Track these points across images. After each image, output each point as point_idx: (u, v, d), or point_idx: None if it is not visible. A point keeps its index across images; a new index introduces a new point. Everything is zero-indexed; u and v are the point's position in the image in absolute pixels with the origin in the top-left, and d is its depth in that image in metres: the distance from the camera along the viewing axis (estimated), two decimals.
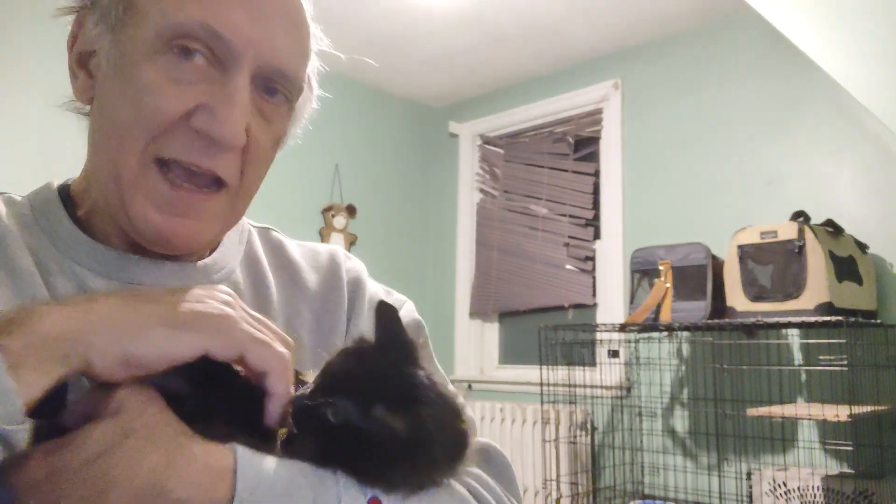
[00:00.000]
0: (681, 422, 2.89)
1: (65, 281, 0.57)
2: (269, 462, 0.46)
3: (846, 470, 2.42)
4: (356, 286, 0.73)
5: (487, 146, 3.87)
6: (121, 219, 0.58)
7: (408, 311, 0.73)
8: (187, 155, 0.56)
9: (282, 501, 0.44)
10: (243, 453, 0.45)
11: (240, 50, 0.56)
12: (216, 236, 0.61)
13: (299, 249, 0.75)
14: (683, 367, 2.89)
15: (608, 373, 3.00)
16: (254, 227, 0.74)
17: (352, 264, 0.76)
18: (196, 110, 0.55)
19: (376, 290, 0.75)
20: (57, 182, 0.66)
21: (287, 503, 0.45)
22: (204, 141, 0.55)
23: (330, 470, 0.47)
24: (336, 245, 0.78)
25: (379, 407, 0.46)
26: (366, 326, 0.69)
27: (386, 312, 0.52)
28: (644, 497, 2.90)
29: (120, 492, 0.41)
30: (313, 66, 0.67)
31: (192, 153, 0.56)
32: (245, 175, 0.60)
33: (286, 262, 0.72)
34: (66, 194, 0.64)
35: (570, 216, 3.44)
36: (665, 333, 2.82)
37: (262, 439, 0.48)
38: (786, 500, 2.30)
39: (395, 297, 0.75)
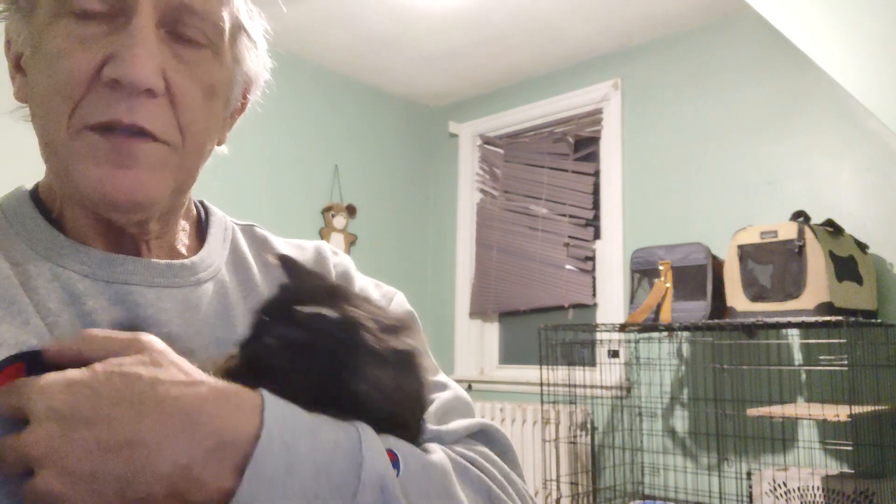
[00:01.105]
0: (681, 422, 2.89)
1: (47, 283, 0.55)
2: (293, 405, 0.47)
3: (846, 470, 2.42)
4: (345, 280, 0.73)
5: (487, 146, 3.87)
6: (71, 192, 0.57)
7: (398, 303, 0.73)
8: (107, 113, 0.53)
9: (307, 437, 0.45)
10: (268, 395, 0.46)
11: None
12: (162, 191, 0.57)
13: (285, 245, 0.74)
14: (683, 367, 2.89)
15: (608, 373, 3.00)
16: (237, 224, 0.73)
17: (339, 259, 0.75)
18: (104, 63, 0.52)
19: (365, 282, 0.75)
20: (28, 186, 0.64)
21: (311, 440, 0.46)
22: (119, 93, 0.52)
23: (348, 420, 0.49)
24: (322, 241, 0.77)
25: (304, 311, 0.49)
26: None
27: (289, 262, 0.54)
28: (644, 497, 2.90)
29: (154, 418, 0.42)
30: (248, 16, 0.63)
31: (112, 109, 0.53)
32: (182, 127, 0.56)
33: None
34: (37, 197, 0.61)
35: (570, 216, 3.44)
36: (665, 333, 2.82)
37: None
38: (786, 500, 2.30)
39: (384, 290, 0.74)
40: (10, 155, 2.58)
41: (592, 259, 3.36)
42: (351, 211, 3.59)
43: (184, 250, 0.65)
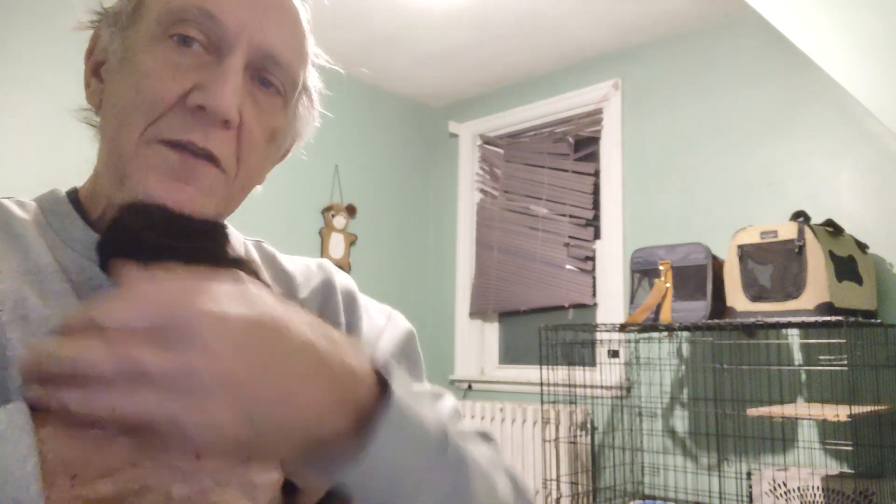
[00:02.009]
0: (681, 422, 2.89)
1: (83, 282, 0.57)
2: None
3: (846, 470, 2.42)
4: (350, 298, 0.75)
5: (487, 146, 3.87)
6: (123, 197, 0.59)
7: (396, 324, 0.75)
8: (184, 133, 0.57)
9: (406, 385, 0.47)
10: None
11: (233, 32, 0.59)
12: (208, 213, 0.60)
13: (291, 262, 0.76)
14: (683, 367, 2.89)
15: (608, 373, 3.00)
16: (247, 240, 0.75)
17: (342, 277, 0.77)
18: (191, 90, 0.57)
19: (367, 301, 0.77)
20: (62, 189, 0.67)
21: (406, 388, 0.46)
22: (199, 119, 0.57)
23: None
24: (324, 259, 0.80)
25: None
26: (365, 333, 0.72)
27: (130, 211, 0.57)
28: (644, 497, 2.90)
29: (312, 351, 0.42)
30: (314, 80, 0.70)
31: (189, 131, 0.57)
32: (240, 160, 0.61)
33: (282, 274, 0.73)
34: (74, 199, 0.65)
35: (570, 216, 3.44)
36: (665, 333, 2.82)
37: None
38: (786, 500, 2.30)
39: (382, 307, 0.77)
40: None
41: (592, 259, 3.36)
42: (351, 211, 3.59)
43: None
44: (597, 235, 3.37)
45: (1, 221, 0.59)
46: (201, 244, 0.58)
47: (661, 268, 2.62)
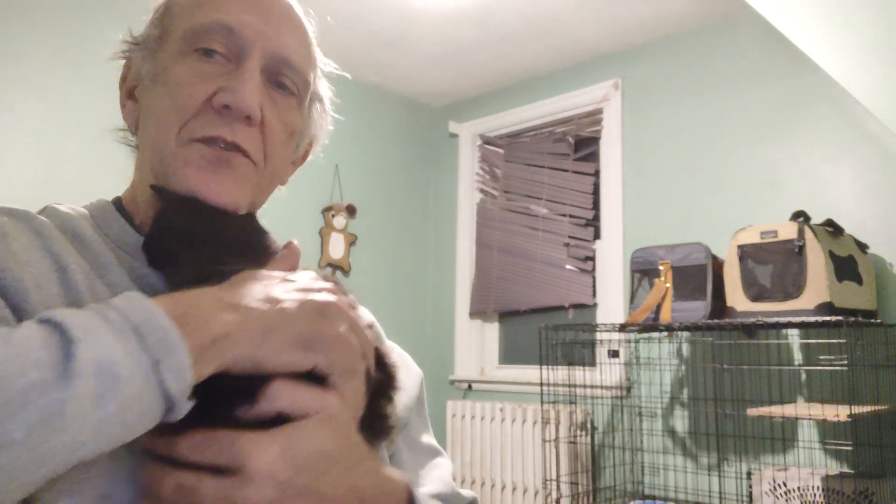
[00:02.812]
0: (681, 422, 2.89)
1: (138, 279, 0.63)
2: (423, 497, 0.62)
3: (846, 470, 2.42)
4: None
5: (487, 146, 3.87)
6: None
7: (410, 370, 0.81)
8: (213, 130, 0.64)
9: None
10: (413, 488, 0.59)
11: (250, 41, 0.66)
12: (243, 202, 0.67)
13: None
14: (683, 367, 2.89)
15: (608, 373, 3.00)
16: None
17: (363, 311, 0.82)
18: (217, 92, 0.64)
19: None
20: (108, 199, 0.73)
21: None
22: (225, 117, 0.64)
23: None
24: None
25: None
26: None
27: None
28: (644, 497, 2.90)
29: (353, 497, 0.53)
30: (324, 88, 0.79)
31: (217, 128, 0.64)
32: (267, 153, 0.68)
33: None
34: (119, 206, 0.71)
35: (570, 216, 3.44)
36: (665, 333, 2.82)
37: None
38: (786, 500, 2.30)
39: (391, 347, 0.81)
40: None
41: (592, 259, 3.36)
42: (351, 211, 3.59)
43: None
44: (597, 235, 3.37)
45: (62, 223, 0.63)
46: (243, 233, 0.64)
47: (661, 268, 2.62)
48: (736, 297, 2.41)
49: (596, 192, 3.39)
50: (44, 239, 0.59)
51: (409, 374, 0.79)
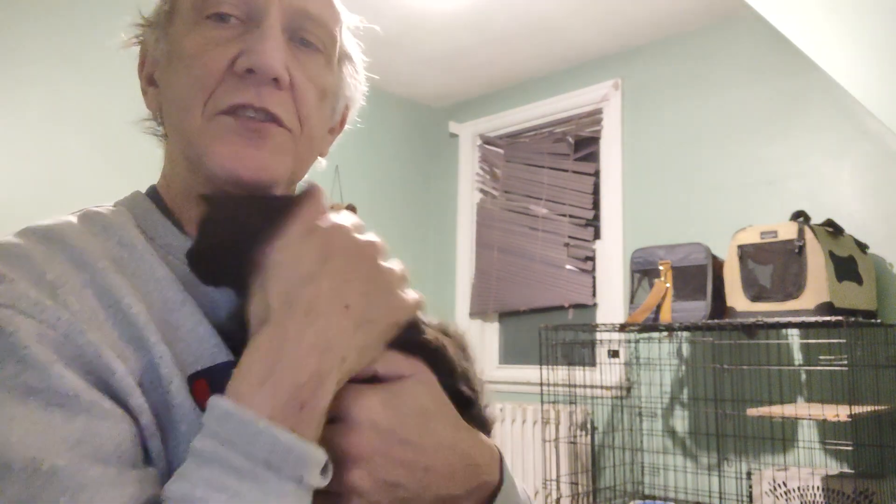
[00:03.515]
0: (681, 422, 2.89)
1: (190, 286, 0.60)
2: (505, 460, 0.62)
3: (846, 470, 2.42)
4: None
5: (487, 146, 3.87)
6: (197, 180, 0.62)
7: None
8: (238, 97, 0.59)
9: (514, 490, 0.61)
10: (500, 450, 0.62)
11: None
12: (283, 173, 0.62)
13: None
14: (683, 367, 2.89)
15: (608, 373, 3.00)
16: None
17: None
18: (238, 56, 0.59)
19: None
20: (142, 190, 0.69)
21: (516, 493, 0.62)
22: (249, 82, 0.59)
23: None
24: None
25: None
26: None
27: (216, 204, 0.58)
28: (644, 497, 2.90)
29: (447, 454, 0.54)
30: (353, 47, 0.73)
31: (244, 94, 0.59)
32: (301, 118, 0.63)
33: None
34: (156, 197, 0.66)
35: (570, 216, 3.44)
36: (665, 333, 2.82)
37: None
38: (786, 500, 2.30)
39: None
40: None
41: (592, 259, 3.36)
42: (351, 211, 3.58)
43: None
44: (597, 235, 3.37)
45: (106, 233, 0.59)
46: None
47: (661, 268, 2.62)
48: (736, 298, 2.41)
49: (596, 192, 3.39)
50: (89, 272, 0.54)
51: None
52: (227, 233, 0.55)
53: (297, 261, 0.51)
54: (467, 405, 0.60)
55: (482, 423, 0.62)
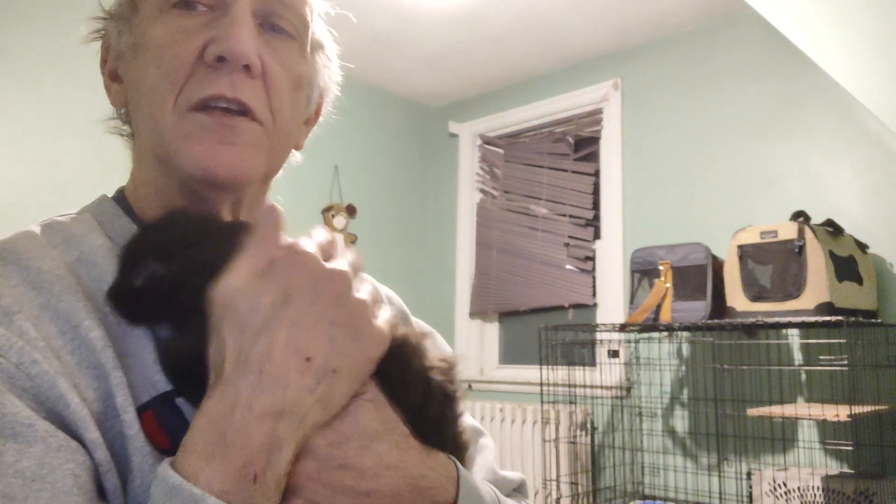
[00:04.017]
0: (681, 422, 2.89)
1: None
2: (472, 476, 0.58)
3: (846, 470, 2.42)
4: (391, 302, 0.78)
5: (487, 146, 3.87)
6: (169, 179, 0.60)
7: (398, 307, 0.78)
8: (210, 88, 0.57)
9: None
10: (458, 465, 0.56)
11: None
12: (258, 170, 0.60)
13: None
14: (683, 367, 2.89)
15: (608, 373, 3.00)
16: None
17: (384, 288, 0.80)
18: (207, 46, 0.57)
19: (388, 291, 0.80)
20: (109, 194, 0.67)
21: None
22: (221, 72, 0.57)
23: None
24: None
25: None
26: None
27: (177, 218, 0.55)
28: (644, 497, 2.90)
29: (392, 476, 0.50)
30: (324, 33, 0.69)
31: (214, 85, 0.57)
32: (273, 110, 0.60)
33: None
34: (123, 201, 0.64)
35: (570, 216, 3.44)
36: (665, 333, 2.82)
37: None
38: (786, 500, 2.30)
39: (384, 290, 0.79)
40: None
41: (592, 259, 3.36)
42: (351, 211, 3.59)
43: None
44: (597, 235, 3.37)
45: (68, 247, 0.56)
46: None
47: (661, 268, 2.62)
48: (736, 298, 2.41)
49: (596, 192, 3.39)
50: (45, 294, 0.51)
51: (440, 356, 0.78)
52: (163, 266, 0.50)
53: (251, 305, 0.46)
54: (445, 401, 0.56)
55: (453, 439, 0.58)
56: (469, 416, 0.74)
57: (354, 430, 0.49)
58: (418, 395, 0.54)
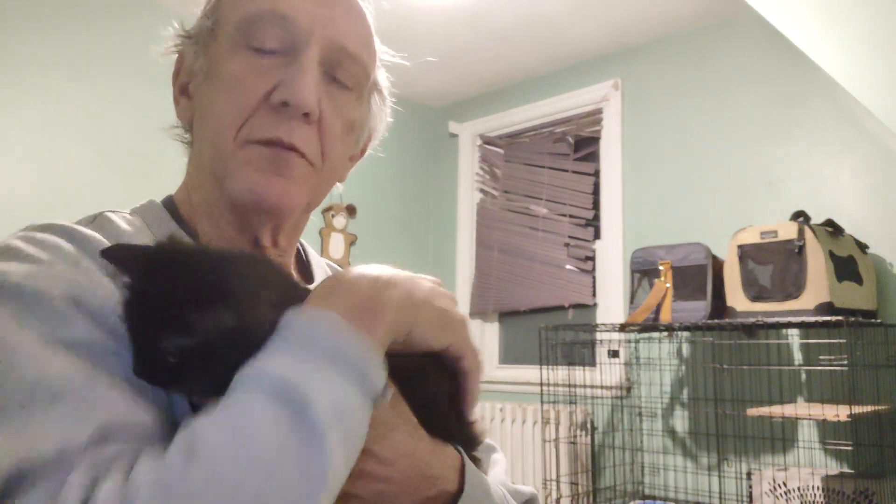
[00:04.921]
0: (681, 422, 2.89)
1: None
2: (472, 465, 0.60)
3: (846, 470, 2.42)
4: None
5: (487, 146, 3.87)
6: (221, 198, 0.65)
7: None
8: (271, 131, 0.62)
9: (485, 495, 0.60)
10: (464, 457, 0.59)
11: (306, 29, 0.63)
12: (301, 202, 0.66)
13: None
14: (683, 367, 2.89)
15: (608, 373, 3.00)
16: (326, 262, 0.82)
17: None
18: (274, 89, 0.62)
19: None
20: (158, 199, 0.70)
21: (488, 498, 0.60)
22: (283, 115, 0.62)
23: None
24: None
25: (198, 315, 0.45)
26: None
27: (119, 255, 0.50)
28: (644, 497, 2.90)
29: (405, 464, 0.53)
30: (383, 79, 0.76)
31: (275, 129, 0.62)
32: (324, 152, 0.66)
33: None
34: (172, 207, 0.68)
35: (570, 216, 3.44)
36: (665, 333, 2.82)
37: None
38: (786, 500, 2.30)
39: None
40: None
41: (592, 259, 3.36)
42: (351, 211, 3.59)
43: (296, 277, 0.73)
44: (597, 235, 3.37)
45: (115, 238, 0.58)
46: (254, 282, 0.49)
47: (661, 268, 2.62)
48: (736, 298, 2.41)
49: (596, 192, 3.39)
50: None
51: None
52: (186, 336, 0.45)
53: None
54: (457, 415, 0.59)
55: (467, 435, 0.62)
56: None
57: (374, 419, 0.50)
58: (427, 394, 0.56)
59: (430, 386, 0.57)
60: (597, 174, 3.40)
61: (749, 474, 2.54)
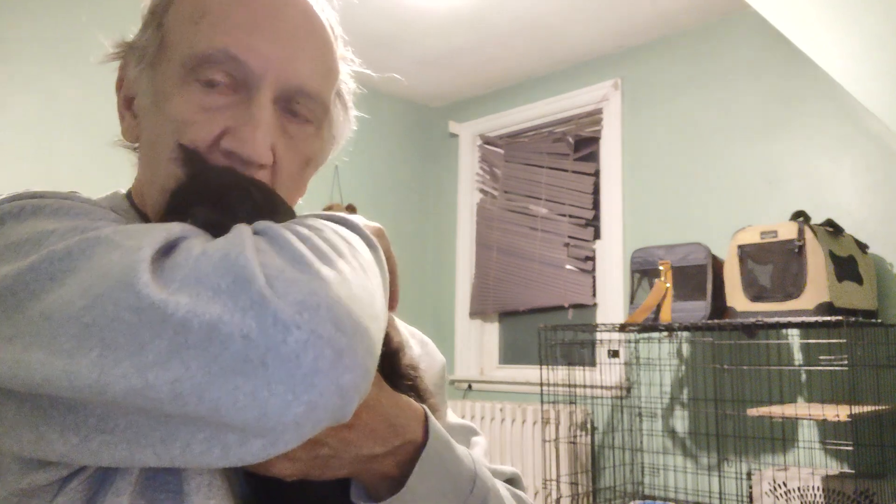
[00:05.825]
0: (681, 422, 2.89)
1: None
2: (435, 420, 0.62)
3: (846, 470, 2.42)
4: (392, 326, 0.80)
5: (487, 146, 3.87)
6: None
7: (433, 357, 0.83)
8: None
9: (448, 450, 0.61)
10: (427, 410, 0.61)
11: (259, 72, 0.59)
12: None
13: None
14: (683, 368, 2.89)
15: (608, 373, 3.00)
16: None
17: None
18: (224, 133, 0.59)
19: (403, 326, 0.83)
20: (122, 190, 0.70)
21: (450, 452, 0.62)
22: (234, 161, 0.59)
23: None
24: None
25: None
26: None
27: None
28: (644, 497, 2.90)
29: (372, 412, 0.55)
30: (348, 88, 0.74)
31: None
32: (278, 186, 0.62)
33: None
34: (133, 204, 0.67)
35: (570, 216, 3.44)
36: (665, 333, 2.82)
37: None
38: (786, 500, 2.30)
39: (413, 332, 0.84)
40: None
41: (592, 259, 3.36)
42: (351, 211, 3.59)
43: None
44: (597, 235, 3.37)
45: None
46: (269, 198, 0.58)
47: (661, 268, 2.62)
48: (736, 298, 2.40)
49: (596, 192, 3.39)
50: None
51: (432, 362, 0.80)
52: (214, 213, 0.56)
53: None
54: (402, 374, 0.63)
55: (416, 390, 0.64)
56: (456, 416, 0.81)
57: None
58: (387, 367, 0.61)
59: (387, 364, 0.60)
60: (597, 174, 3.40)
61: (749, 474, 2.54)
